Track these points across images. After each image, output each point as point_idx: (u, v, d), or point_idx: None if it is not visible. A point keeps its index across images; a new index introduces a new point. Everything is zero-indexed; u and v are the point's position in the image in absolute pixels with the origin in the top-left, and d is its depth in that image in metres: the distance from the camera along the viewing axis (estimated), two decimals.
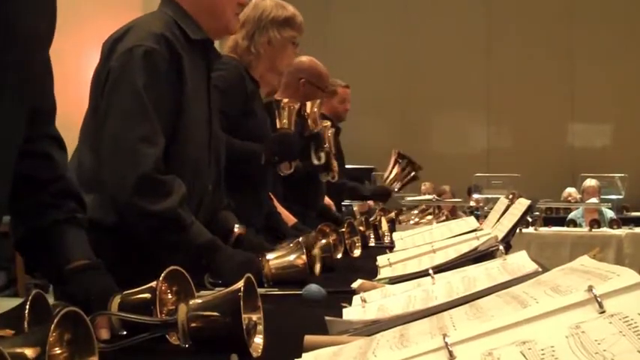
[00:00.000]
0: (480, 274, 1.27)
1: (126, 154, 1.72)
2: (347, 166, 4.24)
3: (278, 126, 2.56)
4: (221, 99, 2.18)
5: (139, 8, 1.95)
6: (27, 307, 0.98)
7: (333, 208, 3.76)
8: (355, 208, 4.38)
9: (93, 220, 1.48)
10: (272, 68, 2.60)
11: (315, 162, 2.99)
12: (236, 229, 2.04)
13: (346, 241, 2.49)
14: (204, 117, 1.93)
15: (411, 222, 4.60)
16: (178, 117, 1.81)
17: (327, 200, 3.68)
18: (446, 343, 0.69)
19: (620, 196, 7.92)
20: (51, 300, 1.06)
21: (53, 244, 1.30)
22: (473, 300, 0.94)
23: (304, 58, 3.35)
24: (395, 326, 0.92)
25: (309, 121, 3.05)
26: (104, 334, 1.10)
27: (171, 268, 1.15)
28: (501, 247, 1.53)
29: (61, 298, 1.27)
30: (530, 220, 6.33)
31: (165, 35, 1.79)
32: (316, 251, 1.95)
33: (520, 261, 1.29)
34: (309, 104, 3.06)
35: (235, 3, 1.97)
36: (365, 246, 2.74)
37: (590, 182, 7.98)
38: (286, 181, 2.92)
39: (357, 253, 2.55)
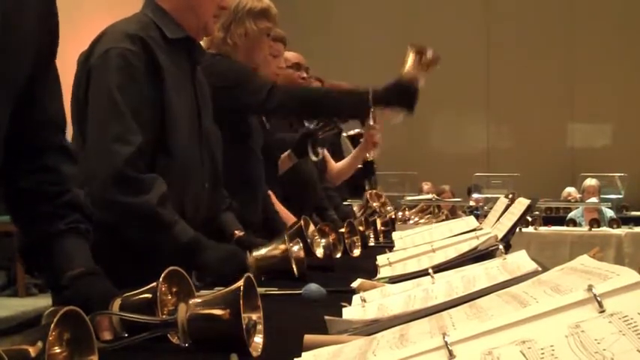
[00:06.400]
0: (480, 274, 1.27)
1: (99, 153, 1.74)
2: None
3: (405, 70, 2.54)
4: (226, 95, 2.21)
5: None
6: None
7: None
8: (355, 208, 4.37)
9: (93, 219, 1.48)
10: (249, 60, 2.59)
11: (313, 158, 2.99)
12: (236, 234, 2.06)
13: (346, 241, 2.50)
14: (189, 114, 1.94)
15: (411, 221, 4.59)
16: (161, 115, 1.83)
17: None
18: (445, 343, 0.69)
19: (620, 196, 7.93)
20: (49, 301, 1.06)
21: (54, 252, 1.31)
22: (473, 299, 0.94)
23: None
24: (395, 326, 0.92)
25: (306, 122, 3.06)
26: (107, 335, 1.10)
27: (171, 268, 1.15)
28: (501, 247, 1.53)
29: (61, 304, 1.27)
30: (530, 219, 6.33)
31: (139, 36, 1.82)
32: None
33: (520, 260, 1.29)
34: None
35: (216, 5, 1.98)
36: (365, 246, 2.74)
37: (590, 182, 7.99)
38: (283, 181, 2.93)
39: (356, 252, 2.55)
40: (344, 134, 3.94)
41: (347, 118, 2.49)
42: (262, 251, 1.82)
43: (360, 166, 4.11)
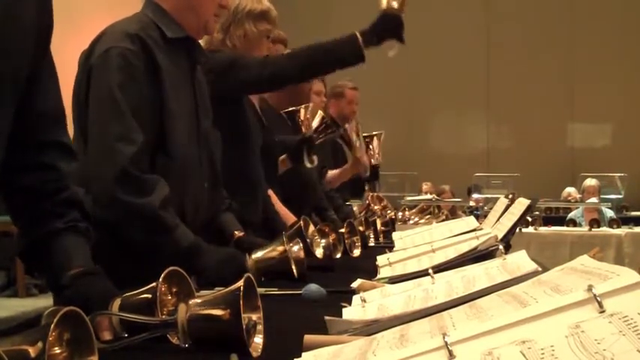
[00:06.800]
0: (480, 274, 1.27)
1: (104, 153, 1.74)
2: None
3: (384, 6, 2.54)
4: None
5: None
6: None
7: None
8: (355, 209, 4.38)
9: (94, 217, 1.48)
10: None
11: (308, 165, 3.00)
12: (236, 234, 2.06)
13: (346, 241, 2.50)
14: (188, 114, 1.94)
15: (411, 222, 4.59)
16: (160, 115, 1.83)
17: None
18: (445, 343, 0.69)
19: (620, 196, 7.94)
20: (49, 302, 1.06)
21: (53, 252, 1.31)
22: (472, 300, 0.94)
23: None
24: (395, 326, 0.92)
25: (303, 128, 3.08)
26: (106, 335, 1.10)
27: (171, 268, 1.15)
28: (501, 247, 1.53)
29: (61, 304, 1.27)
30: (530, 219, 6.33)
31: (139, 35, 1.82)
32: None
33: (520, 261, 1.29)
34: (302, 110, 3.08)
35: (216, 4, 1.98)
36: (365, 246, 2.74)
37: (590, 182, 8.00)
38: (283, 181, 2.94)
39: (356, 253, 2.55)
40: None
41: (343, 66, 2.48)
42: (261, 253, 1.82)
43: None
